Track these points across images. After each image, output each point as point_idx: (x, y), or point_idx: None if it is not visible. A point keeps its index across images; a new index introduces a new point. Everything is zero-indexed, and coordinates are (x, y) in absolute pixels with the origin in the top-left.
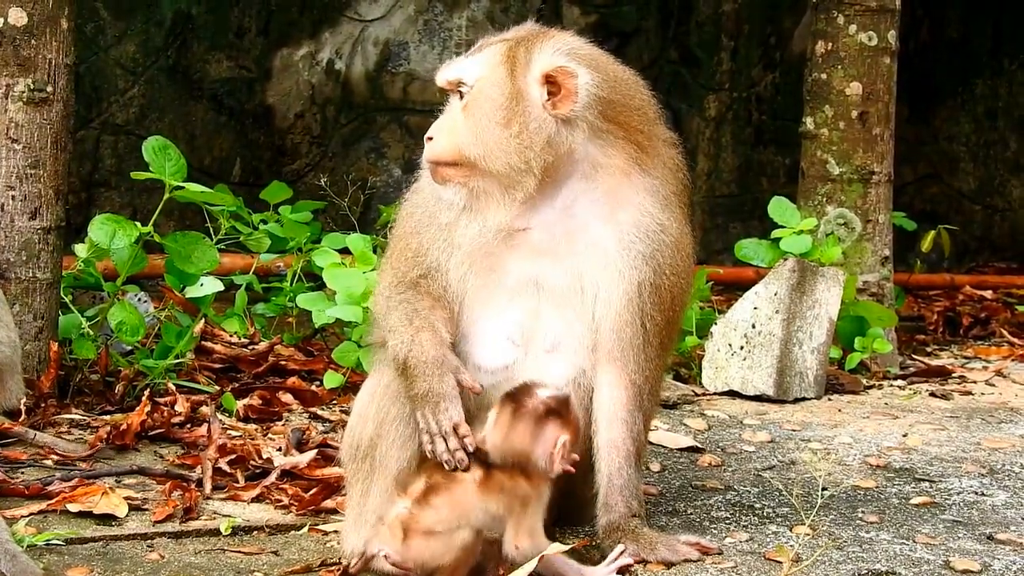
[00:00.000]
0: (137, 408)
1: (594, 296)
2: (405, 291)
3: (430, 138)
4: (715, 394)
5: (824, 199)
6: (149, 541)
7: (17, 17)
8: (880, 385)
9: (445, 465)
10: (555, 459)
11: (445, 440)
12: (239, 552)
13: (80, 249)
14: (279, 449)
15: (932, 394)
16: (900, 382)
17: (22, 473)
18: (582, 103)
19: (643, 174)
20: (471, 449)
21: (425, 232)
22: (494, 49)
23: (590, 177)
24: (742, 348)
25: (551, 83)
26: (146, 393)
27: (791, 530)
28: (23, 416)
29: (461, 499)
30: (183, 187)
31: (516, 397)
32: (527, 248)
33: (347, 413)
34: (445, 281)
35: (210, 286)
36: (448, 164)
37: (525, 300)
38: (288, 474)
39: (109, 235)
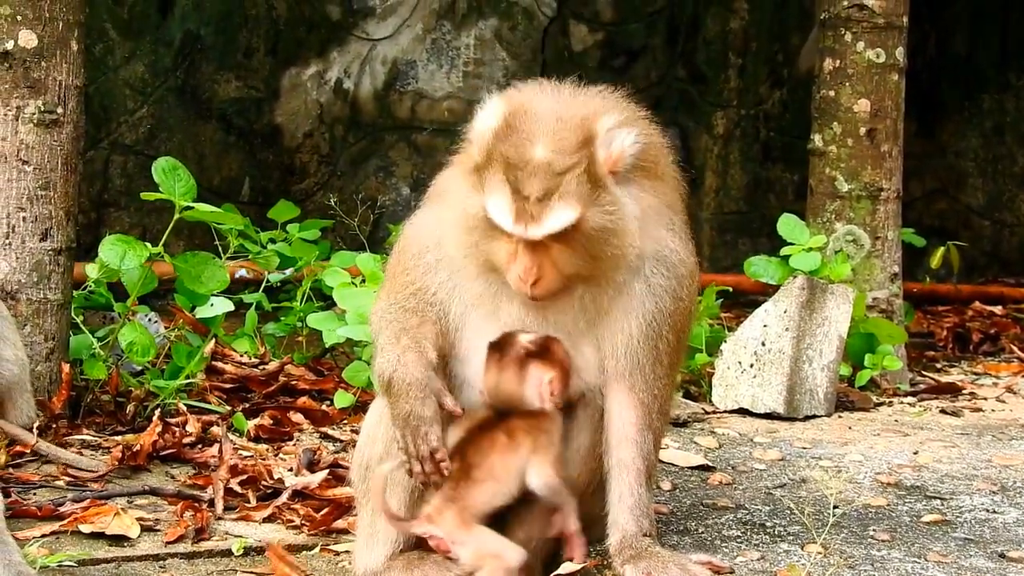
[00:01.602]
0: (148, 428)
1: (608, 324)
2: (398, 309)
3: (527, 279)
4: (725, 412)
5: (833, 216)
6: (161, 562)
7: (27, 39)
8: (890, 402)
9: (421, 487)
10: (544, 396)
11: (422, 464)
12: (251, 572)
13: (91, 269)
14: (290, 469)
15: (942, 411)
16: (910, 399)
17: (34, 494)
18: (628, 163)
19: (660, 206)
20: (447, 473)
21: (432, 276)
22: (573, 185)
23: None
24: (752, 366)
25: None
26: (157, 413)
27: (802, 548)
28: (35, 437)
29: (499, 465)
30: (193, 207)
31: (499, 345)
32: None
33: (358, 432)
34: (446, 312)
35: (220, 306)
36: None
37: (521, 320)
38: (299, 494)
39: (119, 256)
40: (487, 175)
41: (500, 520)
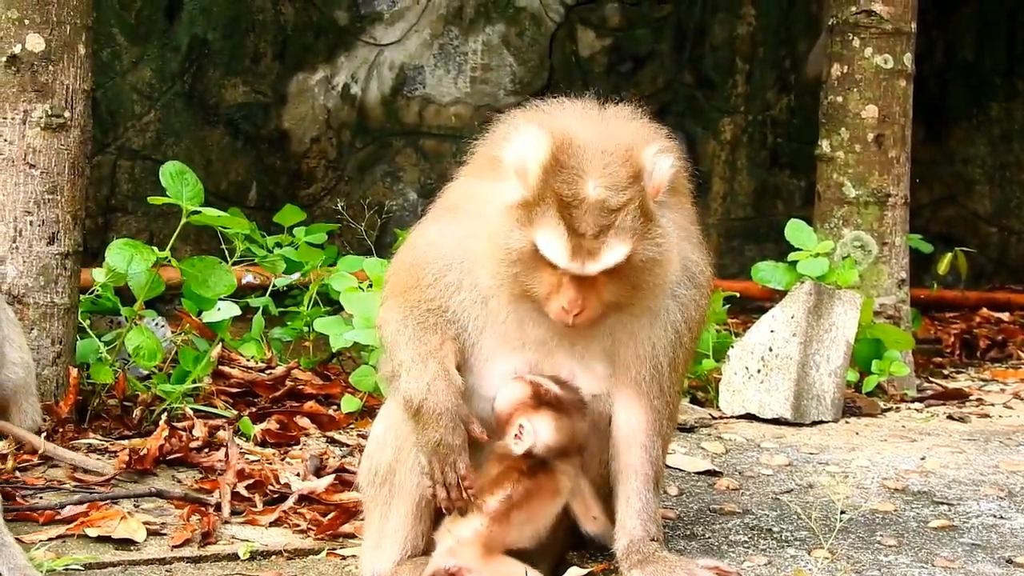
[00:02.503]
0: (155, 433)
1: (631, 341)
2: (416, 326)
3: (571, 310)
4: (732, 417)
5: (840, 222)
6: (168, 566)
7: (35, 43)
8: (897, 408)
9: (444, 511)
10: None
11: (448, 491)
12: None
13: (98, 274)
14: (297, 474)
15: (950, 417)
16: (917, 405)
17: (40, 498)
18: (667, 189)
19: (684, 222)
20: (473, 500)
21: (454, 296)
22: (628, 220)
23: None
24: (759, 371)
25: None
26: (163, 418)
27: (809, 554)
28: (41, 440)
29: (540, 510)
30: (200, 212)
31: (540, 397)
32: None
33: (364, 437)
34: (464, 328)
35: (227, 311)
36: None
37: (544, 342)
38: (306, 499)
39: (127, 260)
40: (538, 211)
41: None
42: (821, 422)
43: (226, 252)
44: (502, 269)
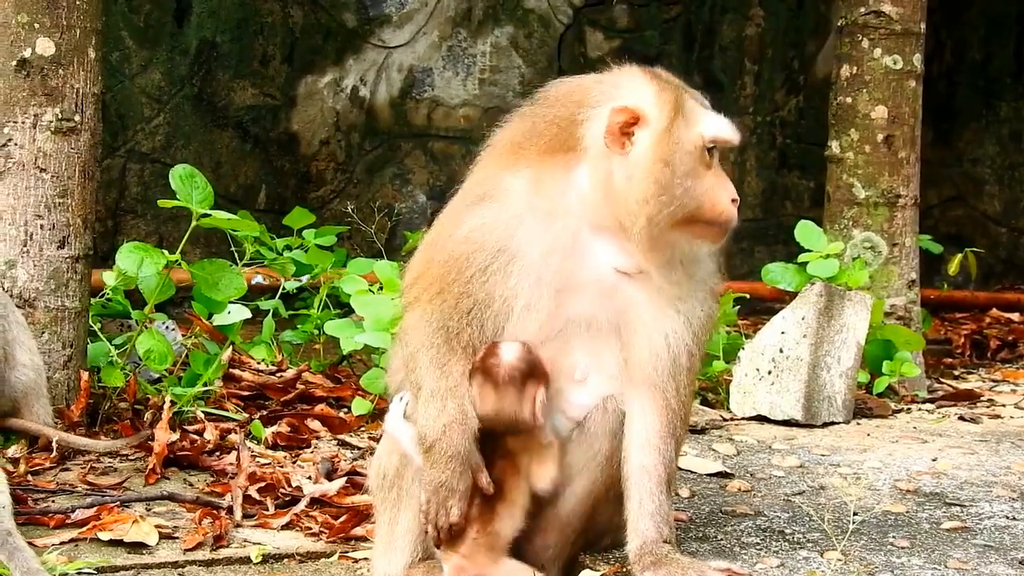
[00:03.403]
0: (159, 424)
1: (642, 333)
2: (442, 345)
3: (736, 200)
4: (743, 419)
5: (850, 223)
6: (180, 569)
7: (45, 47)
8: (908, 409)
9: (430, 539)
10: (539, 414)
11: (438, 532)
12: None
13: (108, 277)
14: (308, 477)
15: (961, 418)
16: (928, 406)
17: (52, 501)
18: None
19: None
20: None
21: (502, 281)
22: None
23: None
24: (770, 373)
25: None
26: (166, 414)
27: (822, 555)
28: (54, 430)
29: (515, 488)
30: (210, 214)
31: (488, 371)
32: (619, 289)
33: (376, 440)
34: (509, 308)
35: (237, 314)
36: None
37: (569, 335)
38: (318, 502)
39: (137, 263)
40: (683, 120)
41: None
42: (832, 423)
43: (236, 255)
44: (675, 192)
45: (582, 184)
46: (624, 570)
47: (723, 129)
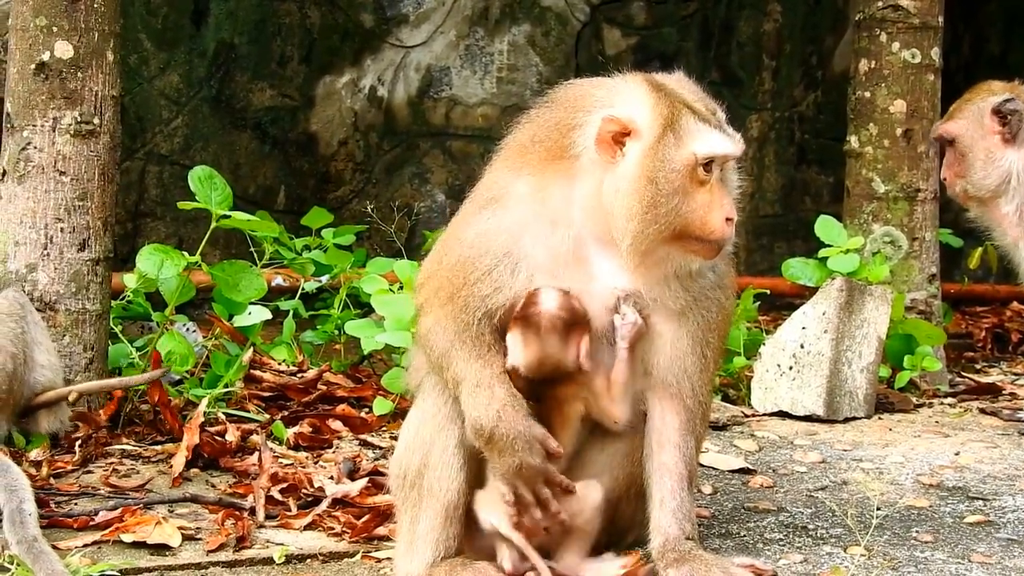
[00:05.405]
0: (187, 425)
1: (647, 339)
2: (472, 341)
3: (731, 219)
4: (764, 415)
5: (870, 217)
6: (203, 571)
7: (64, 50)
8: (930, 403)
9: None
10: (583, 359)
11: (543, 511)
12: None
13: (129, 279)
14: (331, 477)
15: (983, 411)
16: (950, 400)
17: (75, 504)
18: None
19: None
20: (560, 519)
21: (511, 279)
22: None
23: None
24: (791, 368)
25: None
26: (196, 417)
27: (845, 551)
28: (70, 388)
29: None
30: (229, 216)
31: (529, 320)
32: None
33: (397, 439)
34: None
35: (257, 315)
36: None
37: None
38: (340, 502)
39: (157, 265)
40: (673, 134)
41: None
42: (854, 418)
43: (255, 256)
44: (659, 211)
45: (581, 193)
46: (646, 555)
47: (718, 146)
